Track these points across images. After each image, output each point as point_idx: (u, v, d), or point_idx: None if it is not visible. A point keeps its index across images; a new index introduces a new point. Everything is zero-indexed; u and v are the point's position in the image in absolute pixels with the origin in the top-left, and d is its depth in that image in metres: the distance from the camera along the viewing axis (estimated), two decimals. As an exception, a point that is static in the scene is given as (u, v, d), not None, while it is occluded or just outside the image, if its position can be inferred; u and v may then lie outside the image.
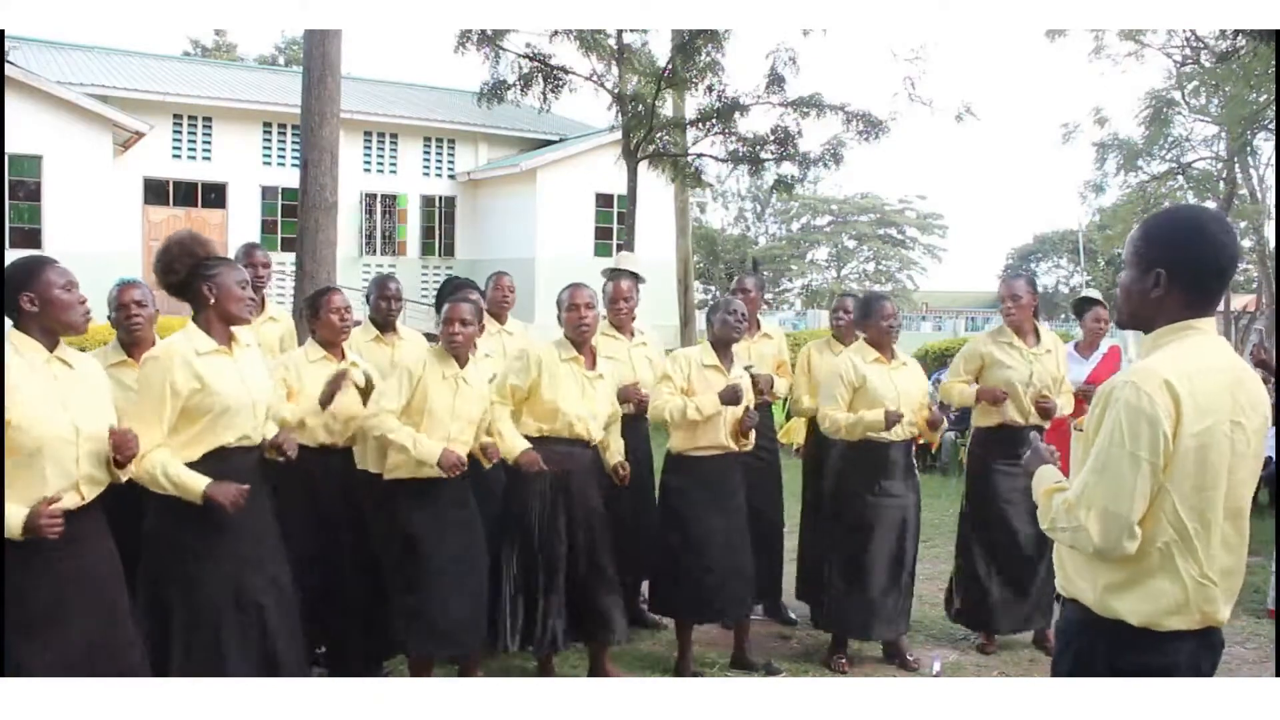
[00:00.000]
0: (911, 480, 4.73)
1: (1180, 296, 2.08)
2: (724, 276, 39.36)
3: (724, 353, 4.48)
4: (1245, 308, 27.95)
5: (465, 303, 4.00)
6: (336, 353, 4.13)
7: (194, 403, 3.11)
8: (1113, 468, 2.01)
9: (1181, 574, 2.02)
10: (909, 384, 4.64)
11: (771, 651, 4.85)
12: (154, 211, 17.89)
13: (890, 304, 4.72)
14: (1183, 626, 2.04)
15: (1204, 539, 2.03)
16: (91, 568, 2.88)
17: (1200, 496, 2.02)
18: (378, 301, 4.69)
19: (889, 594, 4.60)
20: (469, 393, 3.96)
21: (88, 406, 2.88)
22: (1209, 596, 2.05)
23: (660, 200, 17.23)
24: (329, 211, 7.48)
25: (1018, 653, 4.91)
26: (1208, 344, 2.08)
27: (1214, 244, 2.07)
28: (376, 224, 19.77)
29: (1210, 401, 2.01)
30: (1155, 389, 1.98)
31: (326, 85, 7.45)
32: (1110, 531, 2.01)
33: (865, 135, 13.31)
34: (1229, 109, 18.89)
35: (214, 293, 3.20)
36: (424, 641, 3.91)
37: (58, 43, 20.69)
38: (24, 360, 2.78)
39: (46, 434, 2.73)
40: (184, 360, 3.10)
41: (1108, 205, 26.11)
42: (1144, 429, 1.98)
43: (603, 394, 4.31)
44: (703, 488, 4.43)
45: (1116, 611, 2.07)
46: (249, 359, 3.32)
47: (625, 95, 13.78)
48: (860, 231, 43.50)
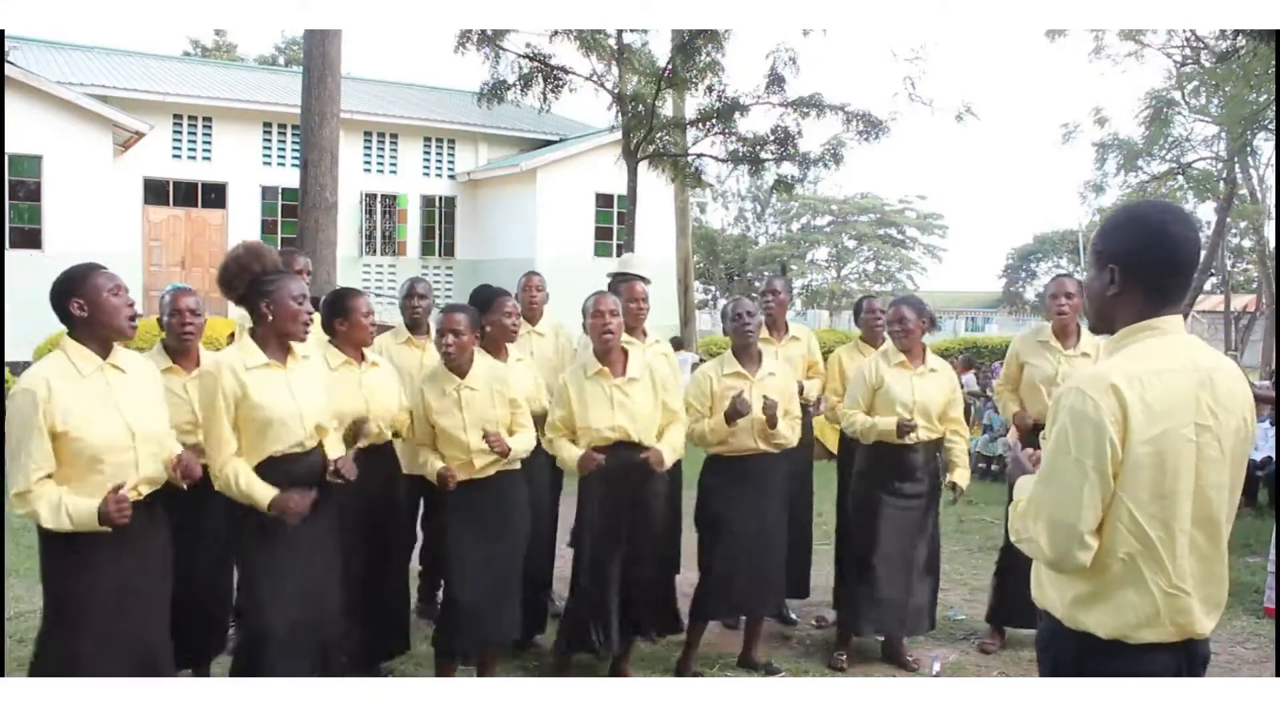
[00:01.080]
0: (932, 481, 4.72)
1: (1137, 294, 2.02)
2: (724, 276, 39.37)
3: (745, 356, 4.47)
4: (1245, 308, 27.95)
5: (459, 312, 3.98)
6: (357, 356, 4.13)
7: (240, 414, 3.22)
8: (1058, 476, 1.96)
9: (1149, 585, 1.96)
10: (930, 390, 4.62)
11: (772, 651, 4.85)
12: (154, 211, 17.87)
13: (876, 301, 4.71)
14: (1156, 639, 1.99)
15: (1169, 548, 1.96)
16: (150, 563, 3.03)
17: (1160, 504, 1.95)
18: (405, 301, 4.73)
19: (900, 594, 4.61)
20: (478, 399, 3.94)
21: (142, 410, 2.99)
22: (1181, 607, 1.98)
23: (660, 200, 17.24)
24: (329, 211, 7.49)
25: (1018, 653, 4.91)
26: (1169, 344, 2.01)
27: (1167, 238, 2.00)
28: (376, 224, 19.76)
29: (1166, 404, 1.94)
30: (1100, 394, 1.92)
31: (326, 85, 7.46)
32: (1059, 542, 1.96)
33: (865, 135, 13.31)
34: (1229, 109, 18.88)
35: (271, 310, 3.28)
36: (448, 641, 3.97)
37: (58, 43, 20.67)
38: (77, 370, 2.88)
39: (103, 441, 2.86)
40: (231, 372, 3.21)
41: (1108, 205, 26.08)
42: (1089, 435, 1.92)
43: (640, 395, 4.22)
44: (736, 485, 4.46)
45: (1084, 624, 2.02)
46: (304, 371, 3.39)
47: (625, 95, 13.78)
48: (860, 231, 43.45)
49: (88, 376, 2.89)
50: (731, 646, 4.76)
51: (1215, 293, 28.28)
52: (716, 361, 4.56)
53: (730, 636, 4.83)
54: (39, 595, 3.10)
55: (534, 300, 5.09)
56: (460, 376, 3.94)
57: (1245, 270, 30.99)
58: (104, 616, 2.91)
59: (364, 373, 4.09)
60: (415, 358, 4.60)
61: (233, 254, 3.35)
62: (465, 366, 3.97)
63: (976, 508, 8.65)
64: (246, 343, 3.31)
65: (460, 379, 3.94)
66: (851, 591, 4.71)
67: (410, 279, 4.86)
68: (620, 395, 4.18)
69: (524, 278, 5.23)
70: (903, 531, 4.63)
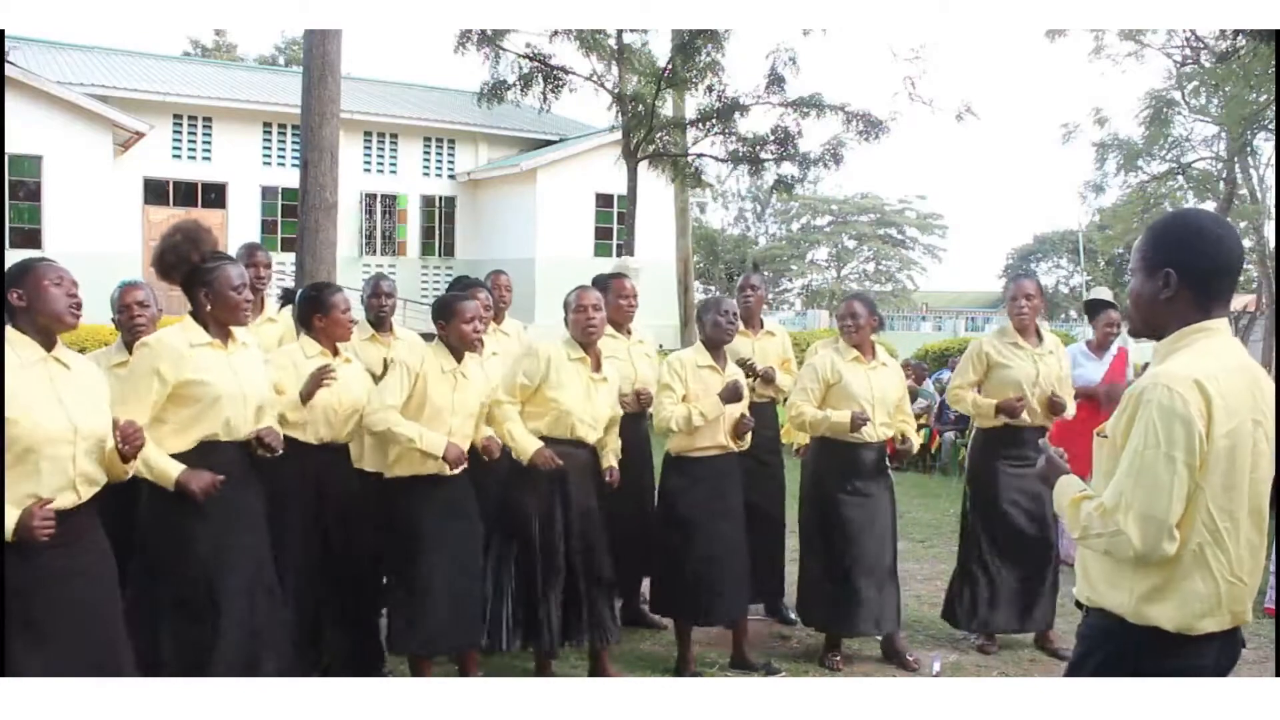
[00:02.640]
0: (884, 480, 4.73)
1: (1190, 297, 2.09)
2: (724, 276, 39.36)
3: (717, 353, 4.49)
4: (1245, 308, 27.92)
5: (470, 301, 4.02)
6: (332, 350, 4.12)
7: (184, 391, 3.18)
8: (1149, 470, 2.00)
9: (1214, 574, 2.03)
10: (885, 385, 4.65)
11: (771, 651, 4.85)
12: (154, 211, 17.89)
13: (853, 304, 4.69)
14: (1214, 628, 2.05)
15: (1234, 538, 2.04)
16: (85, 567, 2.89)
17: (1229, 495, 2.02)
18: (370, 299, 4.72)
19: (871, 591, 4.59)
20: (468, 387, 3.99)
21: (85, 406, 2.87)
22: (1238, 596, 2.06)
23: (660, 200, 17.24)
24: (329, 211, 7.49)
25: (1018, 653, 4.91)
26: (1224, 344, 2.09)
27: (1218, 242, 2.09)
28: (376, 224, 19.78)
29: (1236, 401, 2.02)
30: (1187, 389, 1.98)
31: (326, 85, 7.45)
32: (1150, 535, 1.99)
33: (865, 135, 13.33)
34: (1229, 109, 18.86)
35: (209, 298, 3.27)
36: (423, 639, 3.91)
37: (58, 43, 20.69)
38: (19, 358, 2.77)
39: (42, 432, 2.72)
40: (174, 350, 3.18)
41: (1108, 205, 26.08)
42: (1179, 430, 1.97)
43: (605, 397, 4.30)
44: (702, 488, 4.43)
45: (1152, 619, 2.05)
46: (245, 356, 3.38)
47: (625, 95, 13.79)
48: (860, 231, 43.46)
49: (30, 367, 2.79)
50: (730, 646, 4.75)
51: (1215, 293, 28.20)
52: (691, 350, 4.56)
53: (728, 636, 4.82)
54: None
55: (502, 299, 5.10)
56: (458, 360, 3.98)
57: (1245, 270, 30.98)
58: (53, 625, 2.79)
59: (337, 366, 4.09)
60: (379, 354, 4.59)
61: (169, 241, 3.31)
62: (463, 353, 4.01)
63: (976, 508, 8.64)
64: (189, 322, 3.30)
65: (457, 363, 3.97)
66: (825, 594, 4.66)
67: (375, 277, 4.84)
68: (593, 390, 4.22)
69: (490, 275, 5.24)
70: (870, 530, 4.60)
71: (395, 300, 4.84)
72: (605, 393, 4.30)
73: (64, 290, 2.87)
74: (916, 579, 6.21)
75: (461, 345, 3.95)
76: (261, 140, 18.83)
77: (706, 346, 4.48)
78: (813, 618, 4.78)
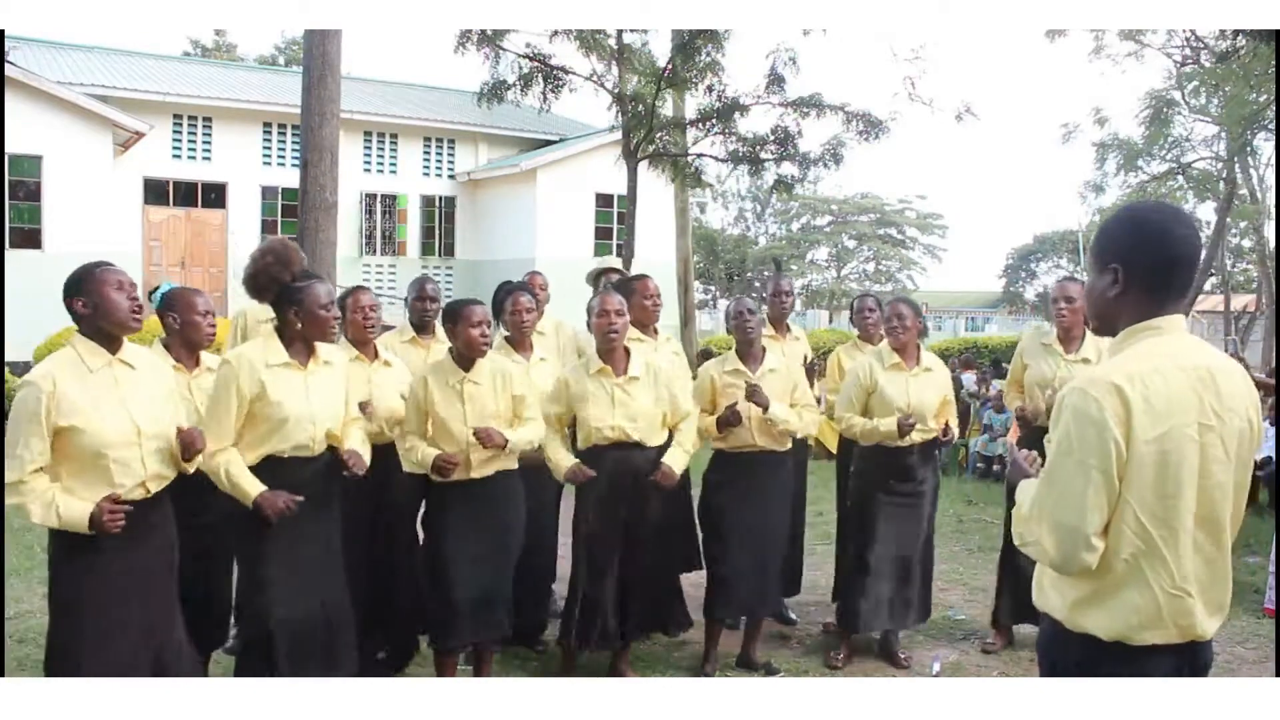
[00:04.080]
0: (929, 481, 4.73)
1: (1138, 293, 2.02)
2: (724, 276, 39.35)
3: (747, 354, 4.52)
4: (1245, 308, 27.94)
5: (478, 305, 4.01)
6: (368, 352, 4.18)
7: (255, 409, 3.26)
8: (1062, 477, 1.95)
9: (1152, 586, 1.95)
10: (925, 391, 4.62)
11: (772, 651, 4.86)
12: (154, 211, 17.87)
13: (900, 306, 4.68)
14: (1159, 641, 1.98)
15: (1173, 548, 1.95)
16: (147, 560, 3.03)
17: (1164, 504, 1.94)
18: (415, 302, 4.74)
19: (893, 591, 4.64)
20: (479, 394, 3.93)
21: (151, 406, 3.01)
22: (1183, 609, 1.97)
23: (660, 200, 17.22)
24: (329, 211, 7.49)
25: (1018, 653, 4.91)
26: (1171, 343, 2.00)
27: (1168, 237, 2.00)
28: (376, 224, 19.76)
29: (1169, 404, 1.93)
30: (1103, 393, 1.92)
31: (326, 85, 7.45)
32: (1064, 544, 1.95)
33: (865, 135, 13.30)
34: (1229, 109, 18.86)
35: (300, 318, 3.33)
36: (445, 633, 3.96)
37: (58, 43, 20.67)
38: (84, 365, 2.91)
39: (109, 436, 2.87)
40: (251, 367, 3.26)
41: (1108, 205, 26.06)
42: (1092, 435, 1.91)
43: (642, 394, 4.24)
44: (739, 482, 4.49)
45: (1085, 626, 2.01)
46: (324, 376, 3.43)
47: (625, 95, 13.77)
48: (860, 231, 43.44)
49: (96, 372, 2.92)
50: (732, 646, 4.76)
51: (1215, 293, 28.26)
52: (718, 360, 4.60)
53: (731, 636, 4.83)
54: (39, 595, 3.12)
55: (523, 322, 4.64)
56: (465, 370, 3.94)
57: (1245, 270, 30.98)
58: (109, 615, 2.92)
59: (374, 370, 4.15)
60: (420, 357, 4.61)
61: (261, 263, 3.37)
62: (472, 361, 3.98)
63: (977, 508, 8.67)
64: (272, 339, 3.36)
65: (465, 372, 3.93)
66: (849, 590, 4.71)
67: (421, 279, 4.83)
68: (621, 394, 4.19)
69: (527, 276, 5.21)
70: (900, 531, 4.64)
71: (440, 304, 4.84)
72: (640, 390, 4.23)
73: (125, 294, 2.96)
74: (916, 579, 6.20)
75: (469, 351, 3.92)
76: (261, 140, 18.81)
77: (737, 351, 4.55)
78: (849, 620, 4.74)
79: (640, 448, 4.20)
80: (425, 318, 4.73)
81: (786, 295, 5.34)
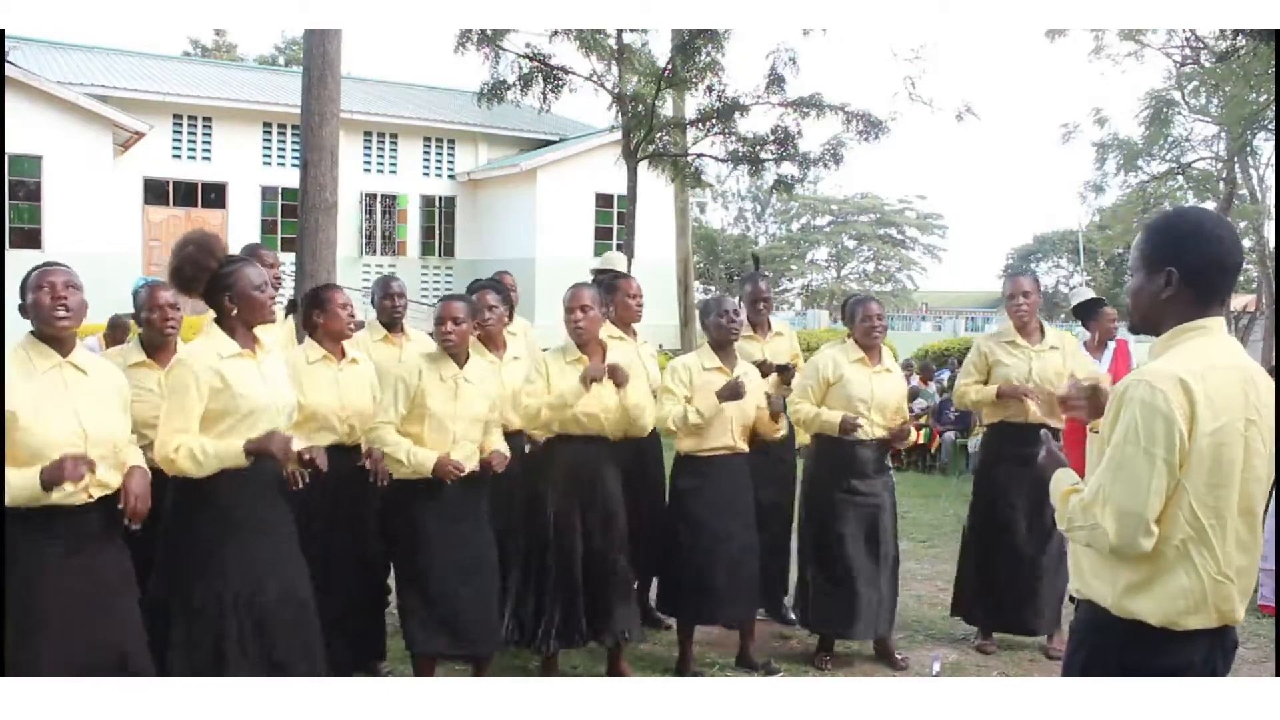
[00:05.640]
0: (884, 479, 4.71)
1: (1189, 295, 2.10)
2: (724, 276, 39.34)
3: (725, 353, 4.47)
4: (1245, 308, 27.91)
5: (458, 300, 3.98)
6: (336, 351, 4.12)
7: (219, 405, 3.12)
8: (1128, 466, 2.02)
9: (1199, 571, 2.03)
10: (886, 390, 4.65)
11: (771, 651, 4.85)
12: (154, 211, 17.89)
13: (874, 305, 4.70)
14: (1200, 625, 2.05)
15: (1220, 536, 2.04)
16: (99, 568, 2.93)
17: (1215, 494, 2.03)
18: (382, 301, 4.72)
19: (868, 593, 4.58)
20: (471, 391, 3.93)
21: (98, 411, 2.93)
22: (1226, 594, 2.06)
23: (660, 200, 17.23)
24: (329, 211, 7.48)
25: (1018, 653, 4.91)
26: (1218, 343, 2.10)
27: (1218, 240, 2.10)
28: (376, 224, 19.77)
29: (1224, 400, 2.02)
30: (1170, 387, 1.99)
31: (326, 85, 7.44)
32: (1126, 529, 2.02)
33: (865, 135, 13.31)
34: (1229, 109, 18.86)
35: (234, 301, 3.21)
36: (433, 640, 3.89)
37: (58, 43, 20.69)
38: (33, 365, 2.86)
39: (50, 437, 2.79)
40: (207, 364, 3.12)
41: (1108, 205, 26.06)
42: (1159, 426, 1.99)
43: (611, 389, 4.24)
44: (712, 488, 4.43)
45: (1135, 612, 2.07)
46: (271, 363, 3.33)
47: (625, 95, 13.78)
48: (860, 231, 43.47)
49: (44, 373, 2.86)
50: (731, 646, 4.75)
51: (1215, 293, 28.22)
52: (695, 354, 4.55)
53: (730, 636, 4.83)
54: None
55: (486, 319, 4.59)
56: (459, 365, 3.93)
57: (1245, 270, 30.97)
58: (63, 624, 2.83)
59: (340, 370, 4.08)
60: (393, 355, 4.59)
61: (184, 255, 3.25)
62: (464, 356, 3.97)
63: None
64: (215, 332, 3.22)
65: (459, 368, 3.93)
66: (822, 595, 4.65)
67: (385, 278, 4.84)
68: (598, 386, 4.18)
69: (496, 275, 5.17)
70: (865, 530, 4.59)
71: (406, 301, 4.85)
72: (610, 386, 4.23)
73: (47, 294, 2.89)
74: (916, 579, 6.21)
75: (442, 346, 3.93)
76: (261, 140, 18.83)
77: (713, 347, 4.48)
78: (808, 620, 4.77)
79: (604, 441, 4.23)
80: (394, 315, 4.73)
81: (765, 301, 5.20)
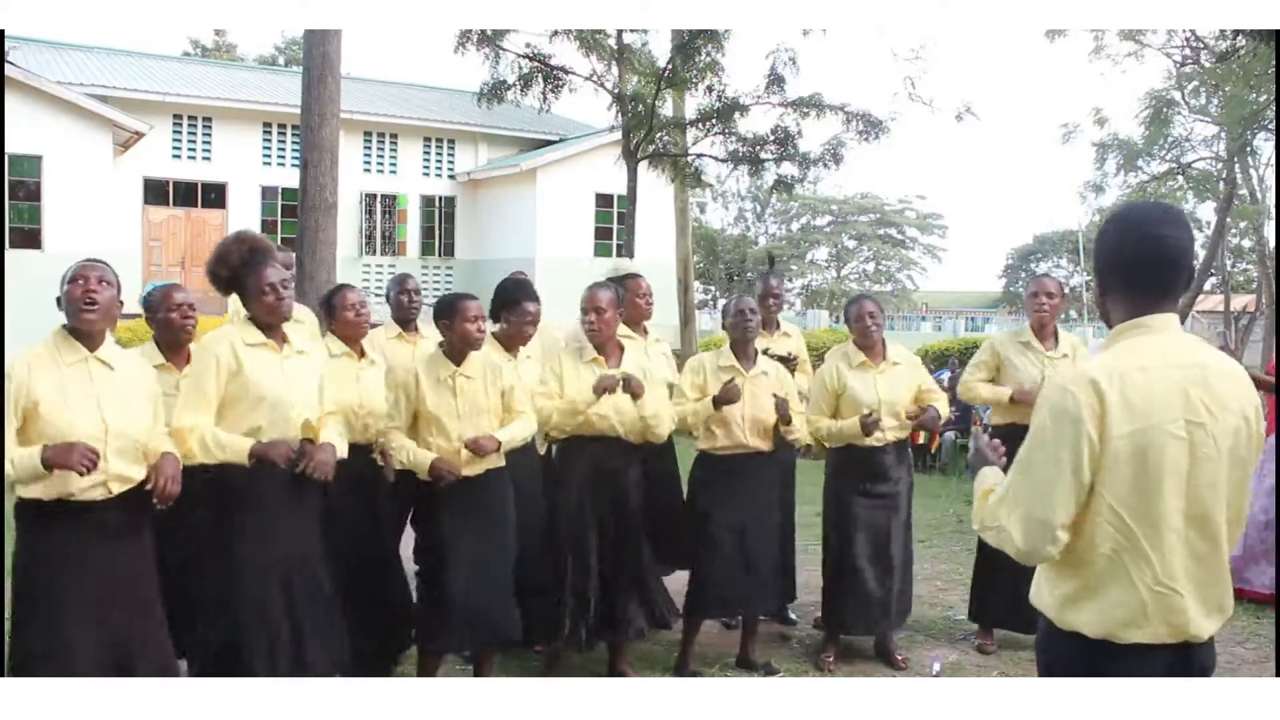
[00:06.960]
0: (903, 480, 4.71)
1: (1120, 293, 2.05)
2: (724, 276, 39.36)
3: (742, 352, 4.50)
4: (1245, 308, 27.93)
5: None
6: (356, 349, 4.17)
7: (231, 388, 3.20)
8: (1035, 470, 1.99)
9: (1135, 582, 1.95)
10: (894, 387, 4.62)
11: (771, 651, 4.85)
12: (154, 211, 17.88)
13: (868, 303, 4.68)
14: (1147, 639, 1.97)
15: (1156, 545, 1.95)
16: (124, 563, 2.98)
17: (1143, 500, 1.94)
18: (398, 296, 4.75)
19: (877, 592, 4.60)
20: (470, 388, 3.92)
21: (123, 405, 2.97)
22: (1172, 606, 1.96)
23: (660, 200, 17.23)
24: (329, 211, 7.50)
25: (1018, 653, 4.90)
26: (1157, 341, 2.00)
27: (1144, 237, 2.01)
28: (376, 224, 19.77)
29: (1149, 401, 1.93)
30: (1080, 388, 1.94)
31: (326, 85, 7.45)
32: (1031, 534, 1.98)
33: (865, 135, 13.32)
34: (1229, 109, 18.86)
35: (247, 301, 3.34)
36: (443, 637, 3.92)
37: (58, 43, 20.68)
38: (60, 357, 2.92)
39: (70, 428, 2.83)
40: (229, 345, 3.22)
41: (1108, 205, 26.06)
42: (1066, 429, 1.94)
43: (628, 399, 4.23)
44: (727, 482, 4.45)
45: (1073, 624, 2.02)
46: (300, 363, 3.38)
47: (625, 95, 13.79)
48: (860, 231, 43.50)
49: (69, 366, 2.91)
50: (731, 646, 4.76)
51: (1215, 293, 28.27)
52: (713, 353, 4.58)
53: (730, 636, 4.83)
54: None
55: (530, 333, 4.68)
56: (456, 364, 3.93)
57: (1245, 270, 30.98)
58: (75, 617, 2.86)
59: (362, 369, 4.12)
60: (407, 353, 4.60)
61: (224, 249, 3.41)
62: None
63: (977, 508, 8.64)
64: (246, 322, 3.36)
65: (456, 366, 3.92)
66: (834, 592, 4.70)
67: (401, 275, 4.86)
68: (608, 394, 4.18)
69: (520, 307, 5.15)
70: (877, 531, 4.61)
71: (421, 299, 4.85)
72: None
73: (78, 289, 2.97)
74: (916, 579, 6.14)
75: (465, 345, 3.90)
76: (261, 140, 18.82)
77: (732, 347, 4.51)
78: (833, 621, 4.75)
79: (620, 442, 4.23)
80: (410, 314, 4.73)
81: (776, 298, 5.27)
